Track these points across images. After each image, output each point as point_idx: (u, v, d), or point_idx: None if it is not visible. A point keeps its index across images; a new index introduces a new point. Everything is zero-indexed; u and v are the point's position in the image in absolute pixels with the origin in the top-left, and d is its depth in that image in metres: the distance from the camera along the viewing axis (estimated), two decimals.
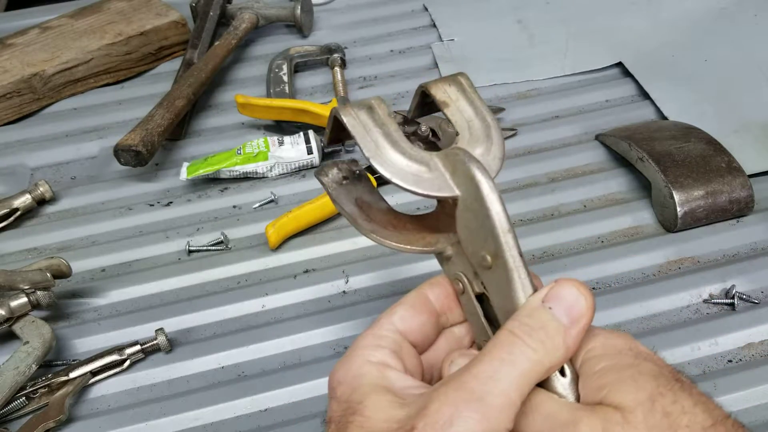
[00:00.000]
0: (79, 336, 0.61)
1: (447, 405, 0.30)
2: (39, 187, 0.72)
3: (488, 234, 0.34)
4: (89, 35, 0.88)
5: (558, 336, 0.32)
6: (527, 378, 0.31)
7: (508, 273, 0.34)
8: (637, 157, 0.69)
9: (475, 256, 0.35)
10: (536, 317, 0.32)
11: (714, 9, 0.92)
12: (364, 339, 0.36)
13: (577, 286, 0.33)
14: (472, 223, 0.35)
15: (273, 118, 0.80)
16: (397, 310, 0.37)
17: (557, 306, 0.33)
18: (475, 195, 0.35)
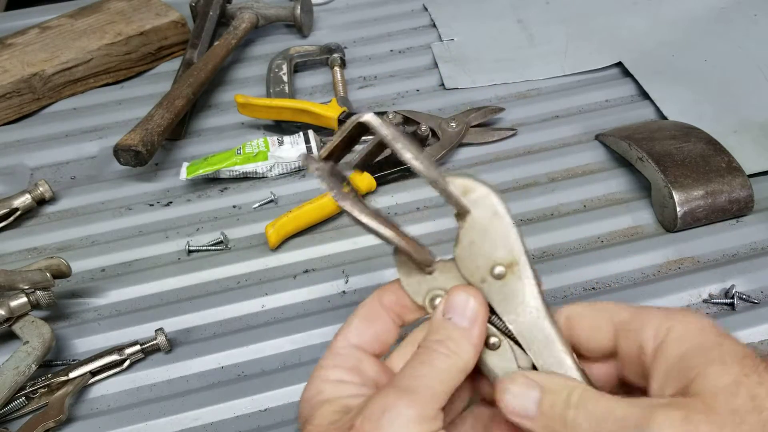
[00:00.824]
0: (79, 336, 0.61)
1: (380, 400, 0.33)
2: (39, 187, 0.72)
3: (503, 245, 0.37)
4: (89, 35, 0.88)
5: (463, 339, 0.36)
6: (449, 374, 0.35)
7: (525, 279, 0.37)
8: (637, 156, 0.69)
9: (476, 271, 0.37)
10: (442, 331, 0.36)
11: (714, 9, 0.92)
12: (323, 359, 0.39)
13: (464, 290, 0.37)
14: (480, 238, 0.37)
15: (273, 118, 0.80)
16: (351, 323, 0.39)
17: (454, 314, 0.37)
18: (492, 209, 0.38)
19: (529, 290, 0.37)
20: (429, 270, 0.39)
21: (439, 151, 0.74)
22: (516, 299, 0.37)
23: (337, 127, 0.77)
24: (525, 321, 0.37)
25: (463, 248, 0.38)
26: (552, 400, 0.35)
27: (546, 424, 0.34)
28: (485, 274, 0.37)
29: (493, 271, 0.37)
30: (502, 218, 0.37)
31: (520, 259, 0.37)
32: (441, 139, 0.76)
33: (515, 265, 0.37)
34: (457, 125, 0.76)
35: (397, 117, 0.77)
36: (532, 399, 0.35)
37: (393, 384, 0.35)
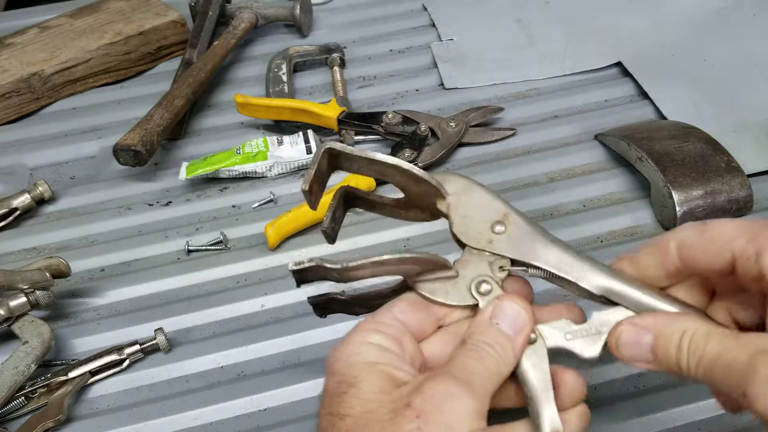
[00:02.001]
0: (78, 336, 0.61)
1: (441, 385, 0.34)
2: (38, 186, 0.72)
3: (490, 207, 0.41)
4: (88, 35, 0.88)
5: (508, 347, 0.37)
6: (496, 377, 0.36)
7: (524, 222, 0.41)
8: (637, 156, 0.69)
9: (480, 236, 0.40)
10: (489, 334, 0.37)
11: (713, 9, 0.92)
12: (365, 323, 0.38)
13: (517, 300, 0.38)
14: (469, 210, 0.41)
15: (272, 117, 0.80)
16: (397, 303, 0.40)
17: (503, 321, 0.37)
18: (466, 183, 0.42)
19: (533, 230, 0.40)
20: (455, 273, 0.40)
21: (439, 151, 0.74)
22: (527, 240, 0.40)
23: (336, 127, 0.77)
24: (549, 253, 0.40)
25: (459, 225, 0.41)
26: (665, 346, 0.35)
27: (664, 366, 0.36)
28: (489, 235, 0.40)
29: (494, 229, 0.40)
30: (477, 188, 0.41)
31: (509, 209, 0.41)
32: (440, 139, 0.76)
33: (508, 216, 0.41)
34: (456, 125, 0.76)
35: (397, 117, 0.77)
36: (645, 346, 0.36)
37: (451, 373, 0.35)
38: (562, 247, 0.40)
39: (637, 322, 0.37)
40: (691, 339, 0.34)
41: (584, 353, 0.38)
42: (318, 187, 0.40)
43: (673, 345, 0.35)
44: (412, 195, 0.42)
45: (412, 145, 0.74)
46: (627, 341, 0.36)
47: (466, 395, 0.33)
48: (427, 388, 0.33)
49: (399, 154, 0.73)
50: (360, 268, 0.39)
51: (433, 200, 0.41)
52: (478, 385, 0.34)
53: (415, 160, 0.73)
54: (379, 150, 0.78)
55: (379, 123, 0.77)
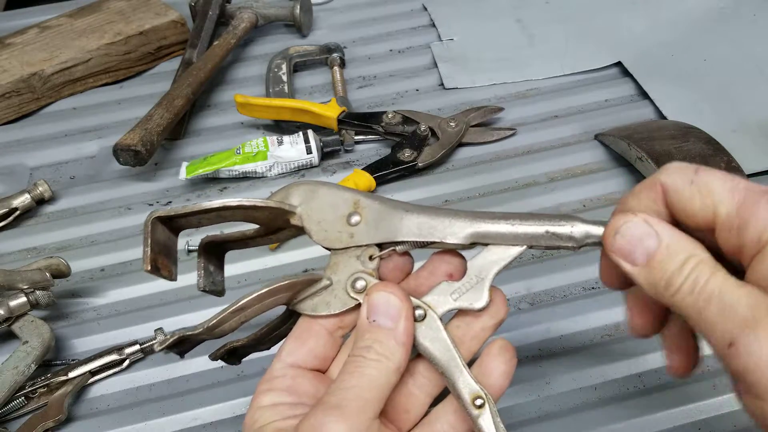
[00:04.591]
0: (78, 336, 0.61)
1: (312, 419, 0.33)
2: (38, 186, 0.72)
3: (339, 201, 0.39)
4: (88, 35, 0.88)
5: (390, 340, 0.36)
6: (379, 380, 0.35)
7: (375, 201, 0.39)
8: (637, 156, 0.69)
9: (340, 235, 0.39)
10: (367, 336, 0.36)
11: (713, 9, 0.92)
12: (259, 385, 0.38)
13: (383, 288, 0.37)
14: (321, 214, 0.39)
15: (272, 117, 0.80)
16: (285, 345, 0.40)
17: (378, 316, 0.36)
18: (308, 188, 0.40)
19: (386, 207, 0.39)
20: (328, 281, 0.39)
21: (439, 151, 0.74)
22: (384, 220, 0.39)
23: (336, 127, 0.77)
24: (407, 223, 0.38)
25: (317, 232, 0.39)
26: (665, 257, 0.32)
27: (649, 278, 0.32)
28: (348, 229, 0.39)
29: (350, 221, 0.39)
30: (322, 188, 0.40)
31: (358, 197, 0.39)
32: (440, 139, 0.76)
33: (359, 202, 0.39)
34: (456, 125, 0.76)
35: (397, 117, 0.77)
36: (645, 247, 0.32)
37: (322, 402, 0.34)
38: (418, 211, 0.38)
39: (651, 221, 0.33)
40: (696, 264, 0.31)
41: (474, 305, 0.37)
42: (165, 258, 0.37)
43: (676, 261, 0.31)
44: (266, 222, 0.40)
45: (412, 145, 0.74)
46: (629, 233, 0.33)
47: (334, 420, 0.33)
48: (303, 425, 0.33)
49: (399, 153, 0.73)
50: (223, 321, 0.37)
51: (285, 218, 0.40)
52: (351, 401, 0.34)
53: (416, 160, 0.73)
54: (379, 150, 0.78)
55: (379, 123, 0.77)
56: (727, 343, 0.29)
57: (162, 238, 0.37)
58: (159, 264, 0.36)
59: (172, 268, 0.38)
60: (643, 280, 0.32)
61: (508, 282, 0.63)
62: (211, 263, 0.41)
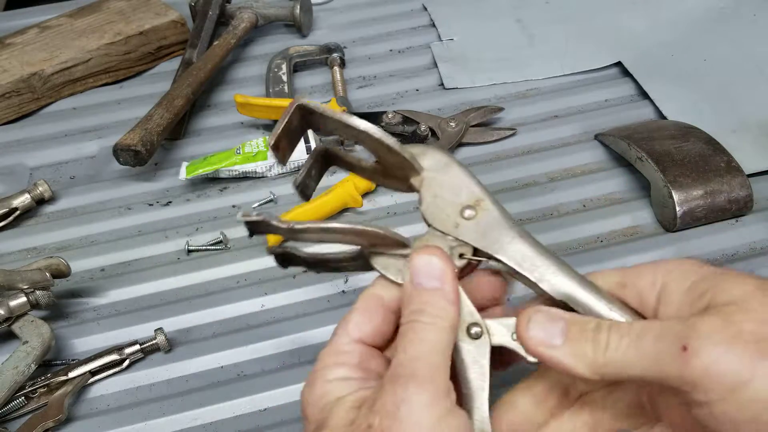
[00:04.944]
0: (78, 336, 0.61)
1: (389, 395, 0.33)
2: (38, 186, 0.72)
3: (464, 189, 0.39)
4: (88, 35, 0.88)
5: (440, 300, 0.36)
6: (440, 342, 0.35)
7: (496, 210, 0.39)
8: (637, 156, 0.69)
9: (447, 219, 0.39)
10: (415, 300, 0.36)
11: (713, 9, 0.92)
12: (325, 358, 0.38)
13: (423, 251, 0.37)
14: (441, 190, 0.39)
15: (272, 117, 0.80)
16: (351, 318, 0.39)
17: (422, 278, 0.36)
18: (443, 162, 0.39)
19: (503, 221, 0.38)
20: (409, 252, 0.39)
21: None
22: (495, 230, 0.38)
23: None
24: (515, 249, 0.38)
25: (428, 204, 0.39)
26: (580, 327, 0.34)
27: (574, 350, 0.34)
28: (457, 219, 0.39)
29: (464, 214, 0.39)
30: (455, 167, 0.39)
31: (483, 195, 0.39)
32: (440, 139, 0.76)
33: (481, 201, 0.39)
34: (456, 125, 0.76)
35: (397, 117, 0.77)
36: (556, 328, 0.34)
37: (393, 375, 0.34)
38: (530, 242, 0.38)
39: (551, 309, 0.36)
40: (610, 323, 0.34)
41: (529, 358, 0.36)
42: (288, 143, 0.39)
43: (591, 326, 0.34)
44: (387, 165, 0.40)
45: None
46: (539, 320, 0.35)
47: (415, 392, 0.33)
48: (380, 404, 0.33)
49: None
50: (307, 231, 0.38)
51: (407, 173, 0.39)
52: (423, 369, 0.33)
53: None
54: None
55: (379, 123, 0.77)
56: (680, 348, 0.30)
57: (295, 124, 0.38)
58: (281, 145, 0.38)
59: (287, 153, 0.39)
60: (570, 356, 0.34)
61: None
62: (314, 168, 0.41)
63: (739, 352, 0.29)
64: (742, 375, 0.29)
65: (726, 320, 0.30)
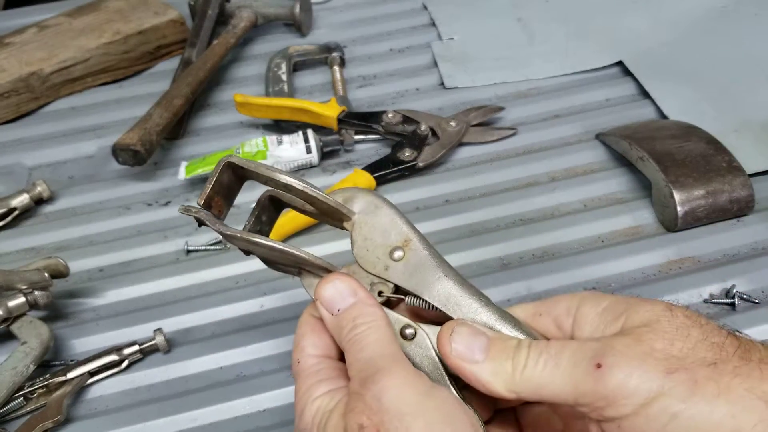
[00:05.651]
0: (77, 336, 0.61)
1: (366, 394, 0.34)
2: (37, 186, 0.72)
3: (393, 230, 0.40)
4: (87, 34, 0.88)
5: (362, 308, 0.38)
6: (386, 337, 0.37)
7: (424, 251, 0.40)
8: (638, 156, 0.69)
9: (377, 262, 0.40)
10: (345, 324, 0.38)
11: (714, 8, 0.92)
12: (304, 381, 0.39)
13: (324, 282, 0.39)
14: (371, 233, 0.41)
15: (272, 117, 0.80)
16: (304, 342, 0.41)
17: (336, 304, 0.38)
18: (373, 205, 0.41)
19: (430, 260, 0.39)
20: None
21: (439, 151, 0.74)
22: (422, 270, 0.39)
23: (336, 126, 0.77)
24: (441, 288, 0.39)
25: (359, 247, 0.41)
26: (501, 344, 0.36)
27: (494, 368, 0.35)
28: (387, 261, 0.40)
29: (393, 255, 0.40)
30: (384, 209, 0.41)
31: (411, 236, 0.40)
32: (441, 139, 0.75)
33: (409, 242, 0.40)
34: (456, 124, 0.76)
35: (397, 116, 0.77)
36: (478, 344, 0.36)
37: (361, 378, 0.35)
38: (455, 281, 0.39)
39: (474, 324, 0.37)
40: (531, 341, 0.35)
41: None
42: (222, 199, 0.40)
43: (511, 345, 0.35)
44: (322, 211, 0.42)
45: (412, 144, 0.74)
46: (462, 333, 0.36)
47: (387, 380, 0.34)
48: (361, 405, 0.34)
49: (399, 153, 0.73)
50: (234, 238, 0.39)
51: (340, 216, 0.41)
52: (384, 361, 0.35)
53: (416, 160, 0.73)
54: (379, 150, 0.78)
55: (379, 122, 0.76)
56: (594, 365, 0.32)
57: (226, 180, 0.40)
58: (213, 202, 0.39)
59: (224, 209, 0.41)
60: (489, 373, 0.35)
61: (509, 282, 0.62)
62: (264, 214, 0.43)
63: (650, 368, 0.31)
64: (651, 389, 0.31)
65: (638, 339, 0.32)
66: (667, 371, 0.31)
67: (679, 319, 0.33)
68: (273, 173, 0.39)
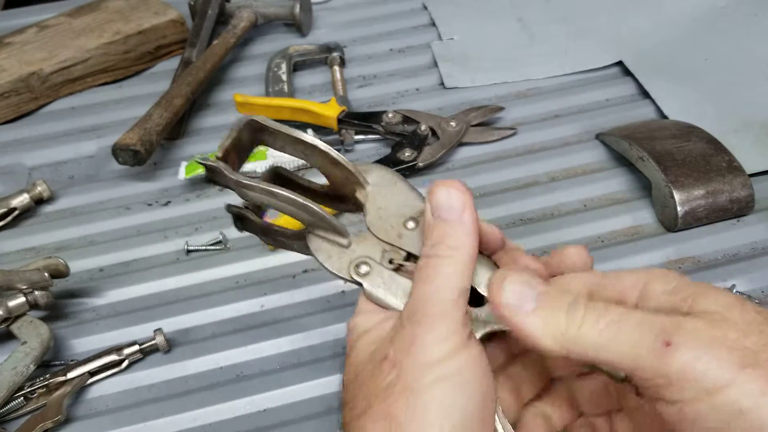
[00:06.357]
0: (77, 336, 0.61)
1: (406, 331, 0.35)
2: (37, 186, 0.72)
3: (408, 203, 0.41)
4: (87, 34, 0.88)
5: (458, 231, 0.36)
6: (456, 276, 0.35)
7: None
8: (638, 156, 0.69)
9: (391, 230, 0.40)
10: (435, 233, 0.36)
11: (715, 8, 0.92)
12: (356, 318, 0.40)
13: (442, 184, 0.37)
14: (386, 203, 0.41)
15: (272, 117, 0.80)
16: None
17: (442, 211, 0.37)
18: (389, 177, 0.41)
19: None
20: (347, 243, 0.41)
21: (439, 151, 0.74)
22: None
23: (336, 126, 0.77)
24: None
25: (372, 215, 0.41)
26: (556, 297, 0.34)
27: (545, 320, 0.33)
28: (400, 229, 0.40)
29: (407, 225, 0.40)
30: (400, 183, 0.41)
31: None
32: (441, 139, 0.75)
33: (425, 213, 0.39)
34: (456, 124, 0.76)
35: (397, 116, 0.77)
36: (532, 293, 0.34)
37: (411, 311, 0.35)
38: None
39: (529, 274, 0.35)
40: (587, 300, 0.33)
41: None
42: (236, 157, 0.40)
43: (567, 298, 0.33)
44: (334, 181, 0.42)
45: (412, 144, 0.74)
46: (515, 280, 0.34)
47: (428, 329, 0.34)
48: (398, 339, 0.35)
49: (399, 153, 0.73)
50: (252, 189, 0.39)
51: (353, 188, 0.41)
52: (437, 307, 0.34)
53: (416, 160, 0.73)
54: (379, 150, 0.78)
55: (379, 122, 0.77)
56: (662, 342, 0.30)
57: (245, 138, 0.40)
58: (229, 158, 0.40)
59: (236, 165, 0.41)
60: (540, 326, 0.33)
61: None
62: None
63: (722, 357, 0.29)
64: (721, 379, 0.29)
65: (710, 324, 0.30)
66: (741, 365, 0.29)
67: (750, 314, 0.31)
68: (298, 134, 0.39)
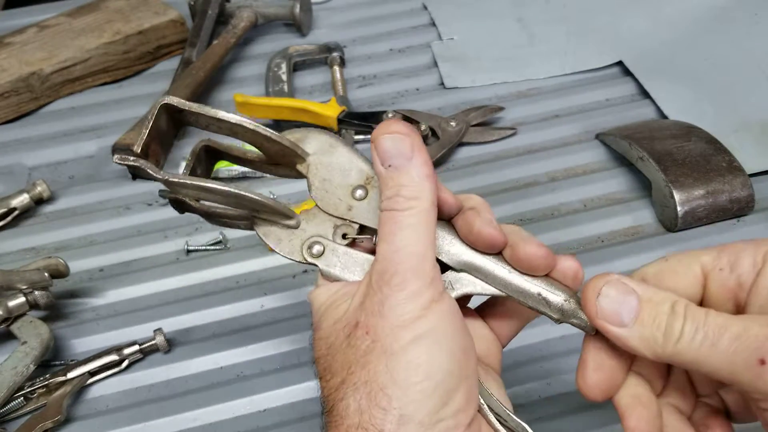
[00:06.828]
0: (77, 336, 0.61)
1: (375, 293, 0.33)
2: (37, 186, 0.72)
3: (352, 169, 0.38)
4: (87, 34, 0.88)
5: (412, 175, 0.34)
6: (420, 227, 0.34)
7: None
8: (638, 156, 0.69)
9: (339, 203, 0.38)
10: (390, 183, 0.34)
11: (715, 8, 0.92)
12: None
13: (386, 129, 0.34)
14: (329, 173, 0.38)
15: (272, 117, 0.80)
16: None
17: (391, 159, 0.34)
18: (329, 141, 0.38)
19: None
20: (295, 224, 0.39)
21: (439, 151, 0.74)
22: None
23: (336, 126, 0.77)
24: None
25: (317, 189, 0.38)
26: (654, 309, 0.32)
27: (644, 334, 0.32)
28: (349, 201, 0.38)
29: (355, 195, 0.38)
30: (341, 147, 0.38)
31: (373, 172, 0.37)
32: (441, 139, 0.75)
33: (371, 179, 0.38)
34: (457, 124, 0.76)
35: (397, 116, 0.77)
36: (628, 306, 0.32)
37: (378, 271, 0.34)
38: None
39: (624, 279, 0.33)
40: (686, 306, 0.31)
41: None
42: (159, 146, 0.37)
43: (665, 309, 0.32)
44: (271, 154, 0.39)
45: None
46: (611, 293, 0.33)
47: (397, 287, 0.33)
48: (368, 302, 0.33)
49: None
50: (184, 186, 0.36)
51: (293, 159, 0.39)
52: (405, 263, 0.33)
53: None
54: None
55: (379, 122, 0.76)
56: (757, 361, 0.29)
57: (163, 125, 0.37)
58: (150, 150, 0.36)
59: (161, 157, 0.37)
60: (637, 339, 0.32)
61: None
62: (199, 166, 0.40)
63: None
64: None
65: None
66: None
67: None
68: (218, 113, 0.36)
